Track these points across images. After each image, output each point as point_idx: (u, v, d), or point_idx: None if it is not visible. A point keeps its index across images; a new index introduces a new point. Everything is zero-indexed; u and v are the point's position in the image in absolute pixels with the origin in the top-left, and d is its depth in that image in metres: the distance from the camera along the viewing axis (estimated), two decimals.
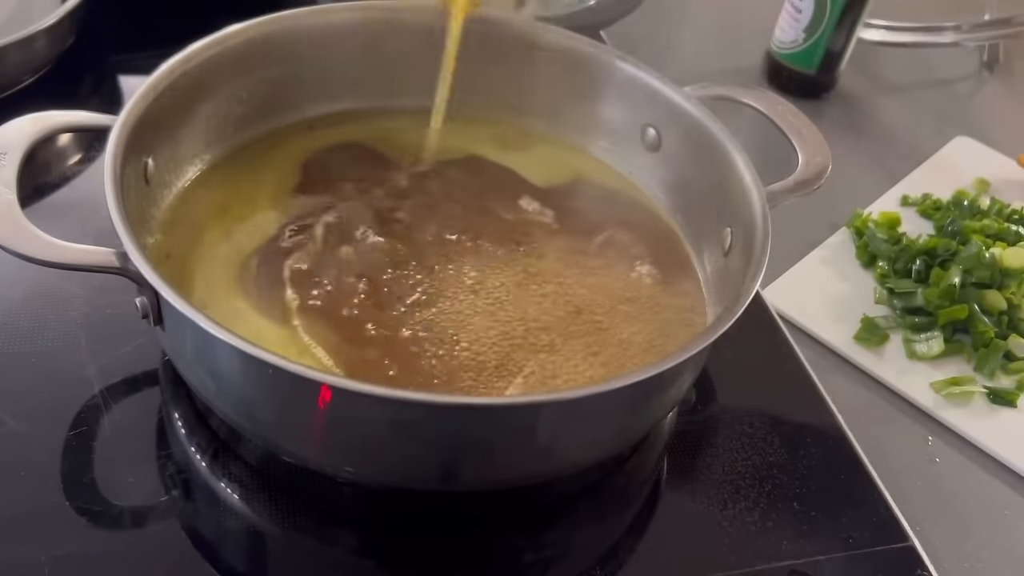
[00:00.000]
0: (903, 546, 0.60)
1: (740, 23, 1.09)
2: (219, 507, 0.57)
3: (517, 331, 0.60)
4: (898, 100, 1.04)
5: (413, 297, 0.61)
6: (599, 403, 0.51)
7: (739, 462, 0.63)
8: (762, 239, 0.57)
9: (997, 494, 0.67)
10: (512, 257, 0.65)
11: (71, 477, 0.56)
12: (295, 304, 0.59)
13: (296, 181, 0.68)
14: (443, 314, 0.60)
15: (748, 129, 0.77)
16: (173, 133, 0.63)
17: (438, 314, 0.60)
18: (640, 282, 0.65)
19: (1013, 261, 0.77)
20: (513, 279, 0.63)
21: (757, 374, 0.69)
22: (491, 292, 0.62)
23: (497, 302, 0.61)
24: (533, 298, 0.62)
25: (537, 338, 0.59)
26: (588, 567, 0.57)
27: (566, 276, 0.64)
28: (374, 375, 0.56)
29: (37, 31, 0.77)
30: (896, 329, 0.76)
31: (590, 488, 0.61)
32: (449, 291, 0.61)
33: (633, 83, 0.70)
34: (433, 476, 0.54)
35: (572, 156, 0.74)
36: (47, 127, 0.57)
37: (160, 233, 0.62)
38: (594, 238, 0.67)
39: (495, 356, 0.58)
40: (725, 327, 0.51)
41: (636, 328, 0.62)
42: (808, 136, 0.65)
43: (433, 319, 0.59)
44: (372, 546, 0.58)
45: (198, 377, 0.54)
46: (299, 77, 0.70)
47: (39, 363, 0.62)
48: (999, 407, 0.71)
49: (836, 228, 0.84)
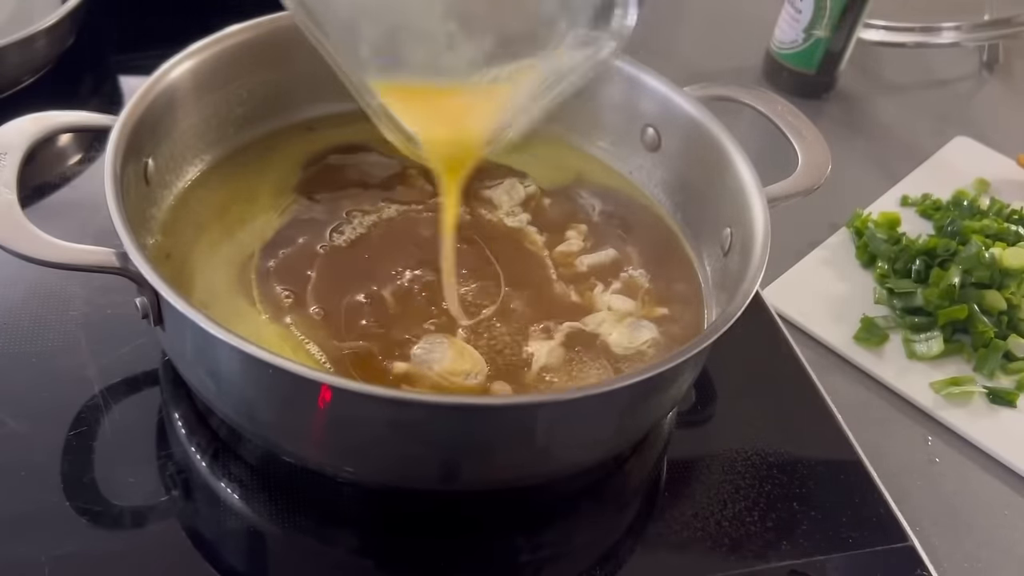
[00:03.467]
0: (903, 546, 0.60)
1: (740, 23, 1.09)
2: (219, 507, 0.57)
3: (514, 328, 0.60)
4: (898, 100, 1.04)
5: (411, 295, 0.61)
6: (599, 403, 0.51)
7: (739, 462, 0.63)
8: (762, 239, 0.57)
9: (997, 494, 0.67)
10: (512, 257, 0.65)
11: (71, 477, 0.56)
12: (288, 302, 0.59)
13: (296, 181, 0.68)
14: (442, 312, 0.60)
15: (748, 129, 0.77)
16: (173, 133, 0.63)
17: (435, 312, 0.60)
18: (640, 282, 0.65)
19: (1013, 261, 0.77)
20: (513, 279, 0.63)
21: (757, 374, 0.69)
22: (487, 289, 0.62)
23: (494, 300, 0.61)
24: (532, 297, 0.62)
25: (536, 336, 0.60)
26: (588, 567, 0.57)
27: (566, 276, 0.64)
28: (368, 371, 0.56)
29: (37, 31, 0.77)
30: (896, 329, 0.76)
31: (590, 488, 0.61)
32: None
33: (633, 83, 0.70)
34: (433, 476, 0.54)
35: (572, 156, 0.74)
36: (47, 127, 0.57)
37: (160, 233, 0.62)
38: (594, 239, 0.67)
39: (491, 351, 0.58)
40: (725, 327, 0.51)
41: None
42: (808, 136, 0.65)
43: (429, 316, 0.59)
44: (372, 546, 0.58)
45: (198, 377, 0.54)
46: (299, 77, 0.70)
47: (39, 363, 0.62)
48: (999, 407, 0.71)
49: (836, 228, 0.84)
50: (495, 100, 0.53)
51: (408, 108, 0.53)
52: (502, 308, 0.61)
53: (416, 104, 0.53)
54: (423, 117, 0.53)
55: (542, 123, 0.73)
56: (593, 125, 0.73)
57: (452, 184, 0.57)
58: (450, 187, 0.57)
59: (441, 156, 0.56)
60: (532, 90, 0.52)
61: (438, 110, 0.54)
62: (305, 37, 0.68)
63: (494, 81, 0.51)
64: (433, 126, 0.54)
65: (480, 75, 0.51)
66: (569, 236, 0.67)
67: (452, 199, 0.57)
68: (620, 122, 0.72)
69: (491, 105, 0.53)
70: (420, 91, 0.53)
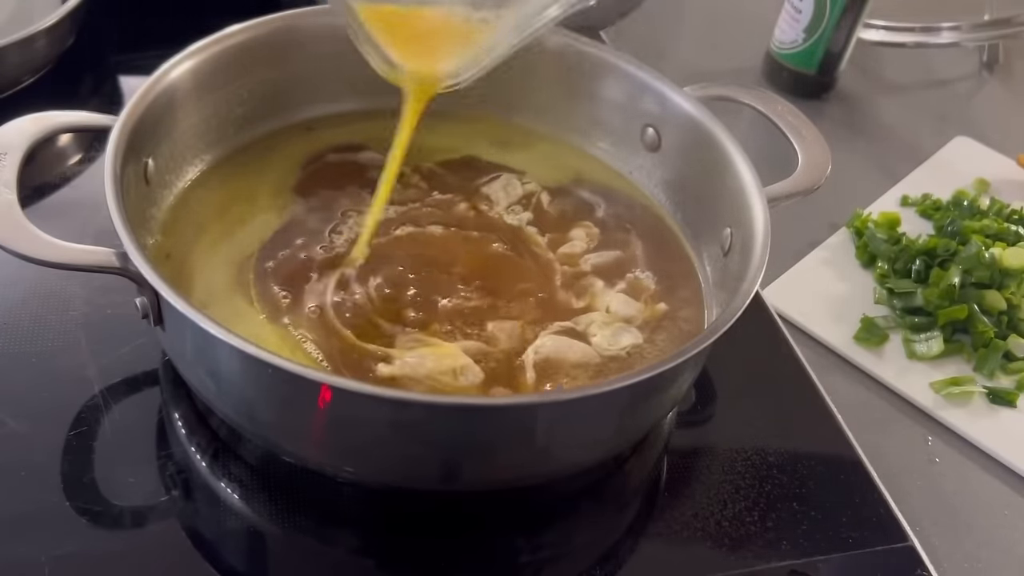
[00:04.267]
0: (903, 546, 0.60)
1: (740, 23, 1.09)
2: (219, 507, 0.57)
3: (514, 330, 0.60)
4: (898, 100, 1.04)
5: (410, 295, 0.61)
6: (599, 403, 0.51)
7: (739, 462, 0.63)
8: (762, 239, 0.57)
9: (997, 494, 0.67)
10: (511, 257, 0.65)
11: (71, 477, 0.56)
12: (286, 302, 0.59)
13: (295, 181, 0.68)
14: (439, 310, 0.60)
15: (748, 129, 0.77)
16: (173, 133, 0.63)
17: (434, 310, 0.60)
18: (639, 282, 0.65)
19: (1013, 261, 0.77)
20: (512, 279, 0.63)
21: (757, 374, 0.69)
22: (488, 291, 0.62)
23: (493, 302, 0.61)
24: (531, 297, 0.62)
25: (534, 335, 0.60)
26: (588, 567, 0.57)
27: (565, 275, 0.64)
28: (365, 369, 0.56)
29: (37, 31, 0.77)
30: (896, 329, 0.76)
31: (590, 488, 0.61)
32: (444, 290, 0.61)
33: (633, 83, 0.70)
34: (433, 476, 0.54)
35: (572, 156, 0.74)
36: (47, 127, 0.57)
37: (160, 233, 0.62)
38: (594, 239, 0.67)
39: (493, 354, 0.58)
40: (725, 327, 0.51)
41: None
42: (808, 136, 0.65)
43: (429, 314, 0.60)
44: (372, 546, 0.58)
45: (198, 377, 0.54)
46: (299, 77, 0.70)
47: (39, 363, 0.62)
48: (999, 407, 0.71)
49: (836, 228, 0.84)
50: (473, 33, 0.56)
51: (390, 30, 0.56)
52: (497, 305, 0.61)
53: (398, 27, 0.56)
54: (403, 40, 0.56)
55: (542, 122, 0.74)
56: (593, 125, 0.73)
57: (416, 107, 0.59)
58: (414, 109, 0.59)
59: (414, 77, 0.58)
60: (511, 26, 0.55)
61: (418, 34, 0.56)
62: (305, 37, 0.69)
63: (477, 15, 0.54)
64: (412, 49, 0.57)
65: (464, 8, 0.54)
66: (568, 236, 0.67)
67: (410, 123, 0.60)
68: (620, 122, 0.72)
69: (467, 37, 0.56)
70: (404, 14, 0.56)
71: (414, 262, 0.63)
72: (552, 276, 0.64)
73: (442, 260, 0.64)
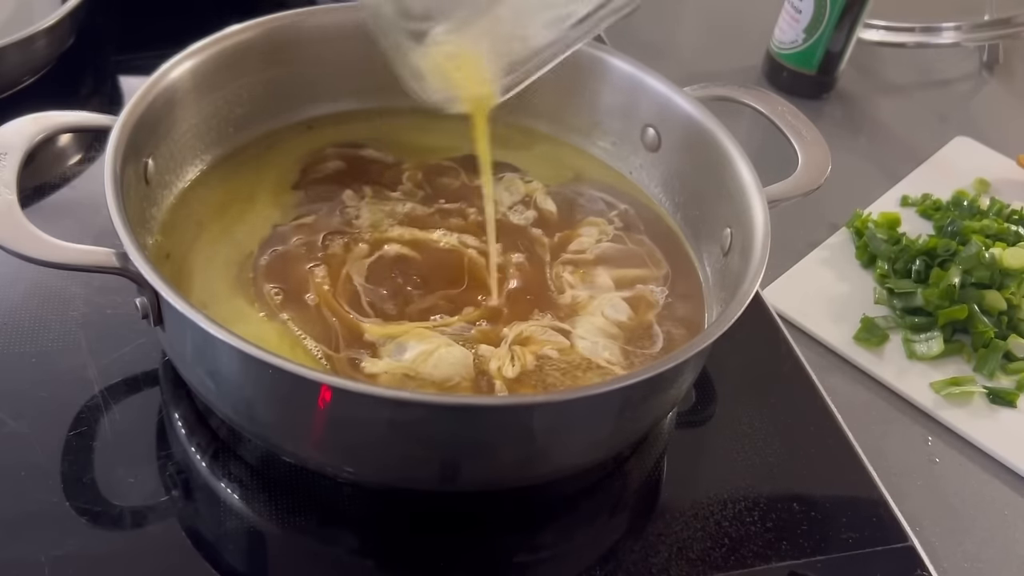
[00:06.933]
0: (903, 546, 0.60)
1: (740, 23, 1.09)
2: (219, 507, 0.57)
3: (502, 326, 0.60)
4: (898, 100, 1.04)
5: (409, 294, 0.61)
6: (598, 403, 0.51)
7: (739, 462, 0.63)
8: (762, 239, 0.57)
9: (997, 494, 0.67)
10: (511, 257, 0.65)
11: (71, 477, 0.56)
12: (286, 300, 0.59)
13: (295, 181, 0.68)
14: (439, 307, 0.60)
15: (748, 129, 0.77)
16: (173, 133, 0.63)
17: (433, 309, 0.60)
18: (638, 283, 0.65)
19: (1013, 261, 0.77)
20: (512, 280, 0.63)
21: (757, 374, 0.69)
22: (487, 289, 0.62)
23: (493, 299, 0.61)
24: (531, 297, 0.62)
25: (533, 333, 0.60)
26: (588, 567, 0.57)
27: (564, 276, 0.64)
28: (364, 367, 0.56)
29: (37, 31, 0.77)
30: (896, 329, 0.76)
31: (590, 488, 0.61)
32: (444, 289, 0.61)
33: (633, 83, 0.70)
34: (433, 476, 0.54)
35: (572, 156, 0.74)
36: (47, 127, 0.57)
37: (160, 233, 0.62)
38: (594, 239, 0.67)
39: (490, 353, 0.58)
40: (725, 327, 0.51)
41: None
42: (808, 136, 0.65)
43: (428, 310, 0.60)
44: (372, 546, 0.58)
45: (198, 377, 0.54)
46: (299, 77, 0.70)
47: (39, 363, 0.62)
48: (999, 407, 0.71)
49: (836, 228, 0.84)
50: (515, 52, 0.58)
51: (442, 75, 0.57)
52: (498, 304, 0.61)
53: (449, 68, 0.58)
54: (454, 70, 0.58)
55: (542, 123, 0.74)
56: (593, 125, 0.73)
57: (482, 124, 0.61)
58: (481, 127, 0.61)
59: (472, 102, 0.60)
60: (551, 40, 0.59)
61: (468, 63, 0.58)
62: (305, 37, 0.69)
63: None
64: (466, 77, 0.58)
65: None
66: (569, 236, 0.67)
67: (484, 137, 0.61)
68: (620, 122, 0.72)
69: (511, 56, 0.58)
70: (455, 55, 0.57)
71: (415, 261, 0.63)
72: (552, 276, 0.64)
73: (443, 259, 0.64)
